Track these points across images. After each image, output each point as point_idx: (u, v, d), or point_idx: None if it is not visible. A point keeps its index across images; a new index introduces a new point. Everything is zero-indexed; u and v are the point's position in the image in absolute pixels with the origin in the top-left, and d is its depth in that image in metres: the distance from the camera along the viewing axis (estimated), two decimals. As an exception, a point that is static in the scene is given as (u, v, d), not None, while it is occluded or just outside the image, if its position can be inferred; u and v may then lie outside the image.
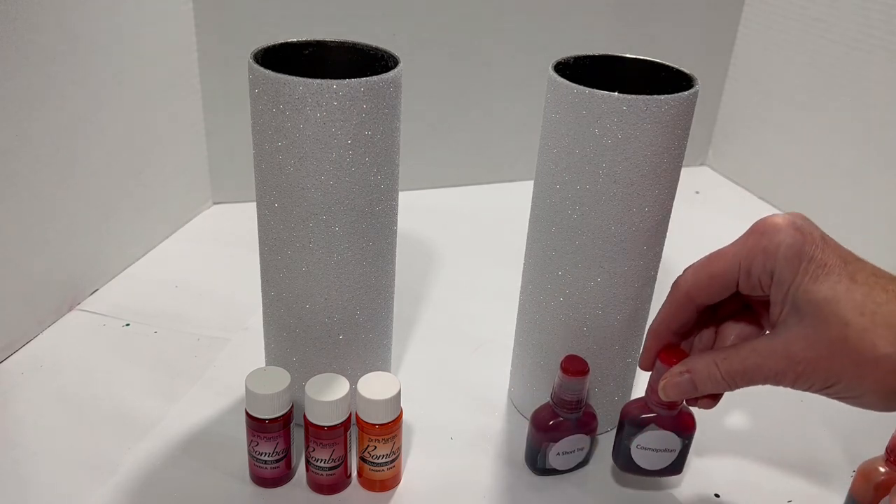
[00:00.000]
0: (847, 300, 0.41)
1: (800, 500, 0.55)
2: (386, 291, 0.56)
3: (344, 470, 0.52)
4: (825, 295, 0.41)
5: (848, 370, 0.41)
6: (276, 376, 0.50)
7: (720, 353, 0.45)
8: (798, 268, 0.42)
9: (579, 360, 0.50)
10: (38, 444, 0.55)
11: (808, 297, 0.42)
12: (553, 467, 0.54)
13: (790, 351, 0.42)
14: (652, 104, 0.47)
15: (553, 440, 0.53)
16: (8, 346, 0.64)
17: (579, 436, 0.53)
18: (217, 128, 0.86)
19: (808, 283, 0.42)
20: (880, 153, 0.85)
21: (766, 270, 0.44)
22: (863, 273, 0.42)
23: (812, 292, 0.42)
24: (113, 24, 0.69)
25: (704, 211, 0.98)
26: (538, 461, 0.54)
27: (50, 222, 0.66)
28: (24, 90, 0.60)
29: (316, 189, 0.49)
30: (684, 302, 0.47)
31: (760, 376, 0.44)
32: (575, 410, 0.52)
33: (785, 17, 0.95)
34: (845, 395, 0.42)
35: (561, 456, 0.53)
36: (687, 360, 0.46)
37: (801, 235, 0.43)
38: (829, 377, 0.42)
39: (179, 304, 0.72)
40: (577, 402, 0.51)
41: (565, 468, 0.54)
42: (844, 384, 0.42)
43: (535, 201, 0.55)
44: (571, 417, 0.52)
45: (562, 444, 0.53)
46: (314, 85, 0.45)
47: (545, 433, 0.52)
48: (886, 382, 0.40)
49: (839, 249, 0.43)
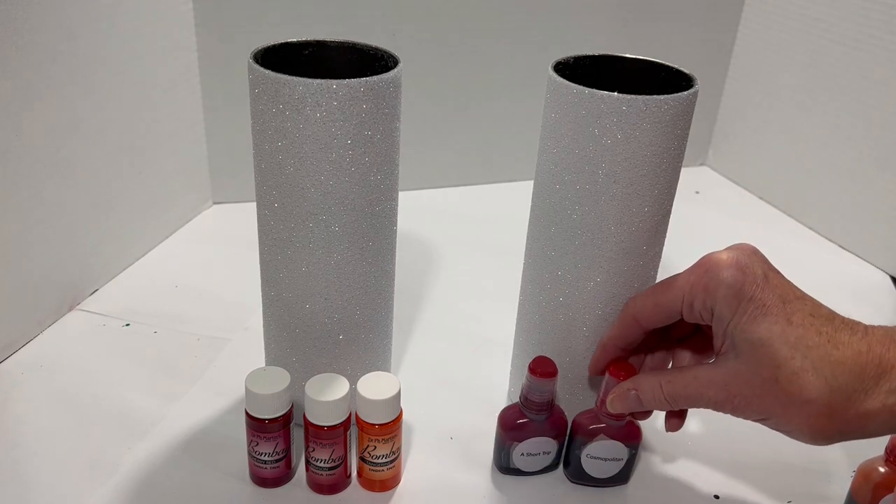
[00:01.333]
0: (780, 342, 0.42)
1: (800, 500, 0.55)
2: (386, 291, 0.56)
3: (344, 470, 0.52)
4: (760, 336, 0.43)
5: (777, 409, 0.43)
6: (276, 376, 0.50)
7: (666, 375, 0.48)
8: (737, 307, 0.44)
9: (548, 362, 0.50)
10: (38, 444, 0.55)
11: (744, 337, 0.44)
12: (517, 467, 0.54)
13: (727, 384, 0.45)
14: (652, 104, 0.47)
15: (517, 440, 0.53)
16: (8, 346, 0.64)
17: (546, 438, 0.53)
18: (217, 128, 0.86)
19: (745, 323, 0.44)
20: (880, 153, 0.85)
21: (706, 307, 0.45)
22: (800, 314, 0.43)
23: (748, 332, 0.43)
24: (113, 24, 0.69)
25: (704, 211, 0.99)
26: (502, 459, 0.54)
27: (50, 222, 0.66)
28: (24, 90, 0.60)
29: (316, 189, 0.49)
30: (631, 323, 0.50)
31: (701, 402, 0.46)
32: (542, 412, 0.52)
33: (785, 17, 0.95)
34: (777, 428, 0.45)
35: (525, 457, 0.54)
36: (636, 378, 0.49)
37: (743, 275, 0.44)
38: (761, 412, 0.44)
39: (179, 304, 0.72)
40: (544, 403, 0.51)
41: (530, 470, 0.54)
42: (775, 421, 0.44)
43: (535, 201, 0.55)
44: (538, 419, 0.52)
45: (526, 445, 0.53)
46: (314, 85, 0.45)
47: (509, 432, 0.53)
48: (812, 423, 0.43)
49: (781, 288, 0.44)
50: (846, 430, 0.43)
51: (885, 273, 0.86)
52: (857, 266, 0.88)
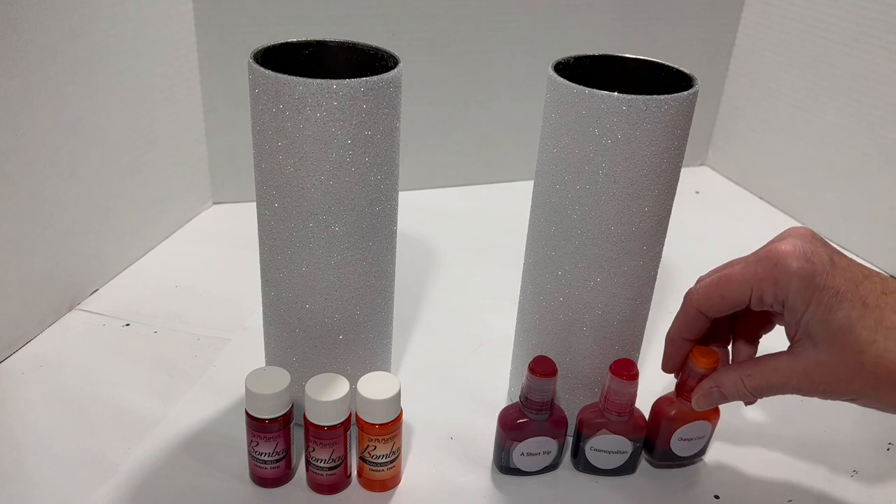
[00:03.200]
0: (861, 327, 0.43)
1: (800, 500, 0.55)
2: (386, 291, 0.56)
3: (344, 470, 0.52)
4: (840, 324, 0.43)
5: (867, 390, 0.44)
6: (276, 376, 0.50)
7: (746, 369, 0.48)
8: (810, 298, 0.44)
9: (548, 361, 0.51)
10: (38, 443, 0.55)
11: (822, 327, 0.44)
12: (517, 467, 0.54)
13: (809, 373, 0.45)
14: (652, 104, 0.47)
15: (517, 439, 0.53)
16: (8, 346, 0.64)
17: (546, 438, 0.53)
18: (217, 128, 0.86)
19: (822, 313, 0.44)
20: (880, 153, 0.85)
21: (777, 300, 0.45)
22: (873, 295, 0.44)
23: (827, 321, 0.44)
24: (113, 24, 0.69)
25: (704, 211, 0.98)
26: (502, 459, 0.54)
27: (50, 222, 0.66)
28: (24, 90, 0.60)
29: (316, 189, 0.49)
30: (696, 315, 0.50)
31: (785, 391, 0.47)
32: (542, 412, 0.52)
33: (785, 17, 0.95)
34: (869, 406, 0.45)
35: (525, 457, 0.54)
36: (716, 375, 0.50)
37: (812, 265, 0.44)
38: (850, 394, 0.45)
39: (179, 304, 0.72)
40: (544, 403, 0.51)
41: (530, 470, 0.55)
42: (865, 400, 0.45)
43: (535, 201, 0.55)
44: (538, 419, 0.52)
45: (526, 445, 0.53)
46: (314, 85, 0.45)
47: (509, 431, 0.53)
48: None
49: (848, 270, 0.45)
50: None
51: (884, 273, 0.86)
52: (857, 266, 0.88)
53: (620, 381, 0.50)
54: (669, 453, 0.55)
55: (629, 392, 0.51)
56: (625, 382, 0.50)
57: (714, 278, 0.49)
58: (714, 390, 0.50)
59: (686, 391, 0.52)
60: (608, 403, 0.52)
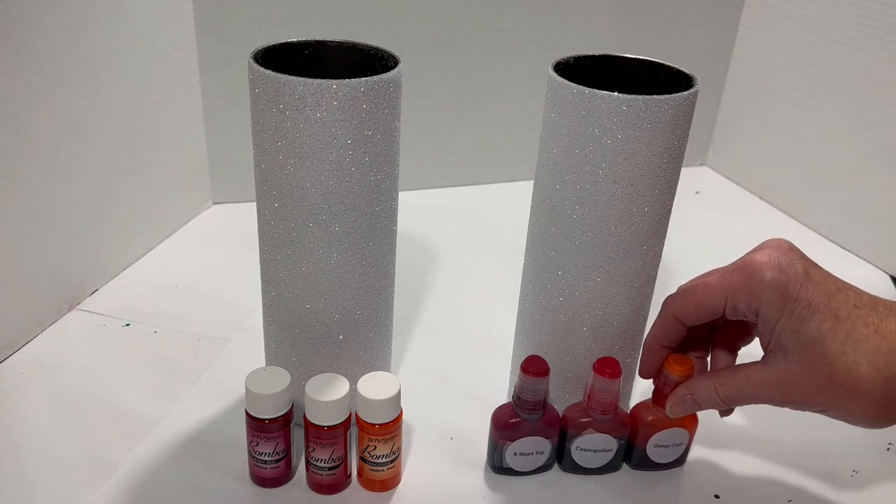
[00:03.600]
0: (831, 339, 0.43)
1: (800, 500, 0.55)
2: (386, 291, 0.56)
3: (344, 470, 0.52)
4: (810, 335, 0.44)
5: (836, 402, 0.44)
6: (276, 376, 0.50)
7: (719, 377, 0.49)
8: (783, 309, 0.45)
9: (540, 361, 0.50)
10: (38, 443, 0.55)
11: (794, 337, 0.44)
12: (510, 467, 0.54)
13: (780, 383, 0.45)
14: (652, 104, 0.47)
15: (510, 439, 0.53)
16: (8, 346, 0.64)
17: (538, 438, 0.53)
18: (217, 128, 0.86)
19: (794, 324, 0.44)
20: (880, 153, 0.85)
21: (751, 310, 0.46)
22: (845, 307, 0.44)
23: (797, 332, 0.44)
24: (113, 23, 0.69)
25: (704, 211, 0.98)
26: (495, 459, 0.54)
27: (50, 222, 0.66)
28: (24, 89, 0.60)
29: (316, 189, 0.49)
30: (673, 322, 0.51)
31: (758, 401, 0.47)
32: (535, 411, 0.52)
33: (785, 17, 0.95)
34: (837, 418, 0.46)
35: (518, 456, 0.54)
36: (690, 383, 0.50)
37: (785, 276, 0.45)
38: (819, 405, 0.45)
39: (179, 304, 0.72)
40: (536, 402, 0.51)
41: (523, 470, 0.55)
42: (833, 412, 0.45)
43: (535, 201, 0.55)
44: (531, 419, 0.52)
45: (519, 445, 0.53)
46: (314, 85, 0.45)
47: (502, 431, 0.53)
48: (871, 412, 0.44)
49: (822, 282, 0.45)
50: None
51: (885, 273, 0.86)
52: (858, 266, 0.88)
53: (604, 378, 0.50)
54: (646, 459, 0.55)
55: (612, 390, 0.51)
56: (608, 381, 0.50)
57: (690, 286, 0.50)
58: (688, 398, 0.50)
59: (661, 398, 0.52)
60: (592, 402, 0.52)
